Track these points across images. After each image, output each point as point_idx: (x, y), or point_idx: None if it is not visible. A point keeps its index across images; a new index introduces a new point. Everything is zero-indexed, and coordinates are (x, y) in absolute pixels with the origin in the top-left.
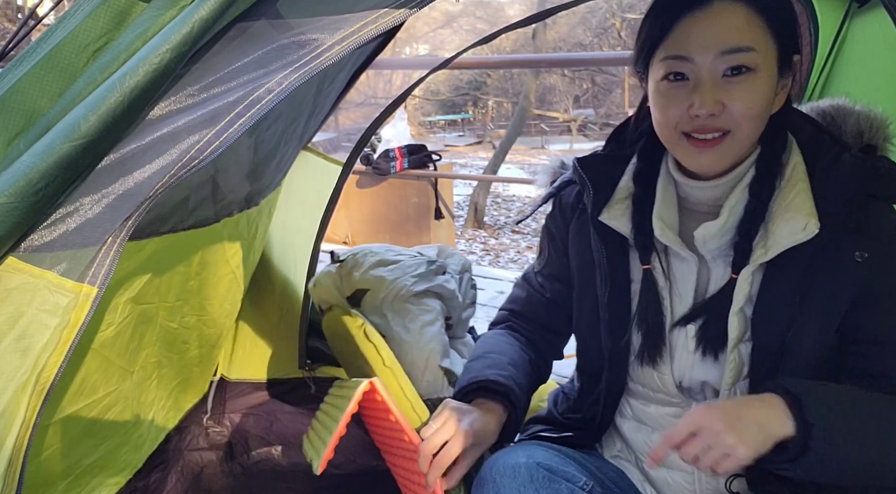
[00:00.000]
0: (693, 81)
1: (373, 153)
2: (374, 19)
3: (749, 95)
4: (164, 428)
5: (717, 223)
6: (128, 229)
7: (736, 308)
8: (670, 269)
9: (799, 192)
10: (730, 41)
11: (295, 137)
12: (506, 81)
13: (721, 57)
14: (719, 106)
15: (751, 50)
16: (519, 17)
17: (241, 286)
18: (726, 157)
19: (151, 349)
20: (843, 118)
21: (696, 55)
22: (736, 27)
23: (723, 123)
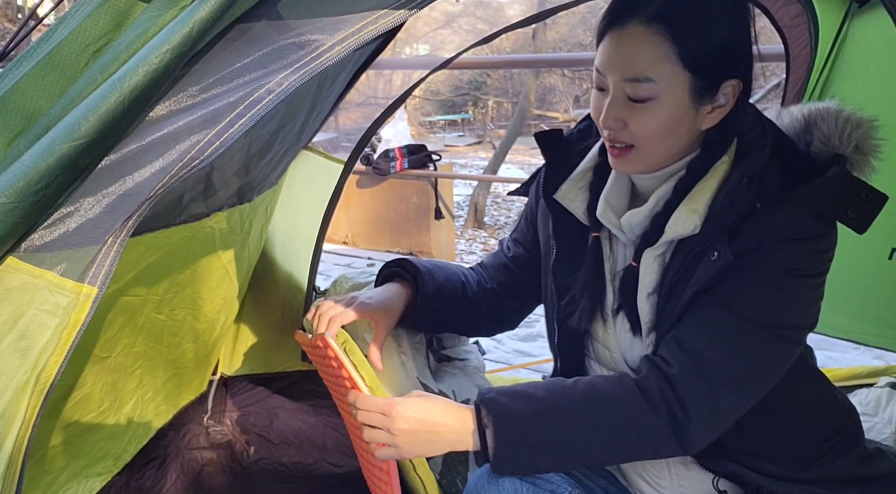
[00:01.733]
0: (607, 95)
1: (373, 153)
2: (374, 20)
3: (648, 120)
4: (155, 423)
5: (643, 210)
6: (128, 229)
7: (643, 294)
8: (614, 255)
9: (703, 189)
10: (630, 70)
11: (292, 136)
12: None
13: (625, 82)
14: (620, 123)
15: (649, 81)
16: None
17: (235, 283)
18: (636, 165)
19: (132, 339)
20: (819, 124)
21: (608, 74)
22: (640, 56)
23: (626, 137)
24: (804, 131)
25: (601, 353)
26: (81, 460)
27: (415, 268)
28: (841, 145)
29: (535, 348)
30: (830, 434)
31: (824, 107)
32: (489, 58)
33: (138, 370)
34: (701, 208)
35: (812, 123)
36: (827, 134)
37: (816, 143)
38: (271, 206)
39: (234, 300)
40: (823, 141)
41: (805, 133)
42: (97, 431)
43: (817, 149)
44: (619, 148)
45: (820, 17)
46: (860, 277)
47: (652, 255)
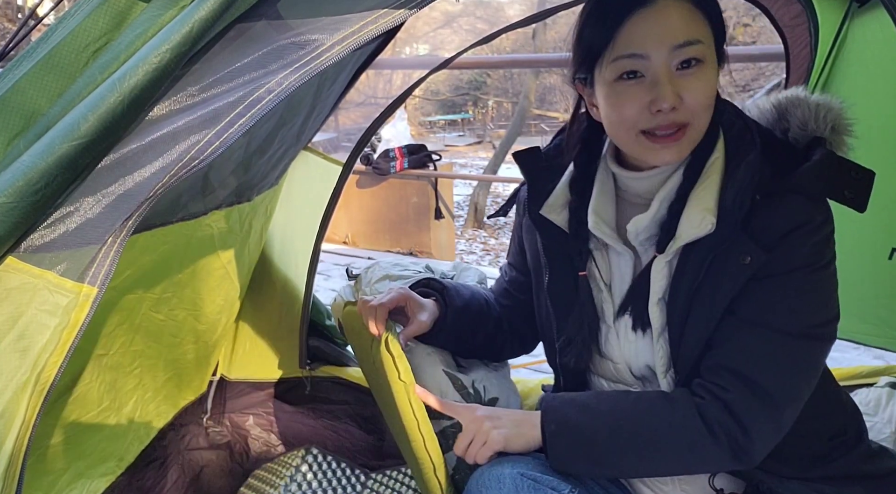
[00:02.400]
0: (650, 78)
1: (373, 153)
2: (374, 19)
3: (702, 86)
4: (156, 424)
5: (648, 215)
6: (128, 229)
7: (655, 298)
8: (609, 263)
9: (707, 186)
10: (681, 36)
11: (291, 135)
12: (506, 81)
13: (674, 51)
14: (679, 98)
15: (699, 42)
16: (519, 17)
17: (235, 283)
18: (687, 147)
19: (129, 337)
20: (792, 110)
21: (651, 51)
22: (683, 21)
23: (681, 116)
24: (778, 120)
25: (605, 367)
26: (84, 461)
27: (441, 285)
28: (818, 128)
29: (536, 348)
30: (835, 433)
31: (793, 95)
32: (489, 58)
33: (137, 369)
34: (713, 207)
35: (785, 111)
36: (803, 119)
37: (794, 129)
38: (271, 206)
39: (234, 301)
40: (801, 126)
41: (780, 121)
42: (98, 431)
43: (795, 134)
44: (673, 133)
45: (820, 17)
46: (860, 277)
47: (663, 260)
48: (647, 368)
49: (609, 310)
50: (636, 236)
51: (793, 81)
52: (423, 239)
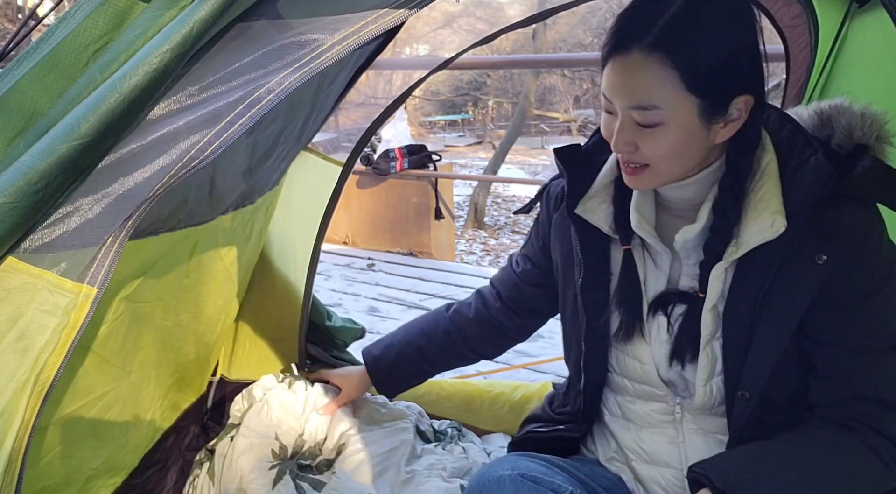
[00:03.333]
0: (616, 118)
1: (373, 153)
2: (375, 19)
3: (658, 143)
4: (161, 427)
5: (697, 227)
6: (128, 229)
7: (709, 305)
8: (646, 260)
9: (768, 190)
10: (635, 98)
11: (293, 136)
12: (506, 81)
13: (631, 109)
14: (631, 147)
15: (655, 108)
16: (519, 18)
17: (236, 285)
18: (651, 182)
19: (149, 350)
20: (836, 118)
21: (614, 100)
22: (643, 85)
23: (638, 158)
24: (821, 127)
25: (630, 366)
26: (97, 469)
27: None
28: (864, 136)
29: (535, 348)
30: None
31: (837, 103)
32: (489, 58)
33: (153, 380)
34: (781, 209)
35: (829, 119)
36: (849, 127)
37: (839, 136)
38: (271, 207)
39: (233, 300)
40: (846, 134)
41: (823, 128)
42: (120, 442)
43: (840, 141)
44: (632, 167)
45: (820, 17)
46: None
47: (722, 267)
48: (677, 374)
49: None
50: (683, 244)
51: (793, 81)
52: (423, 239)
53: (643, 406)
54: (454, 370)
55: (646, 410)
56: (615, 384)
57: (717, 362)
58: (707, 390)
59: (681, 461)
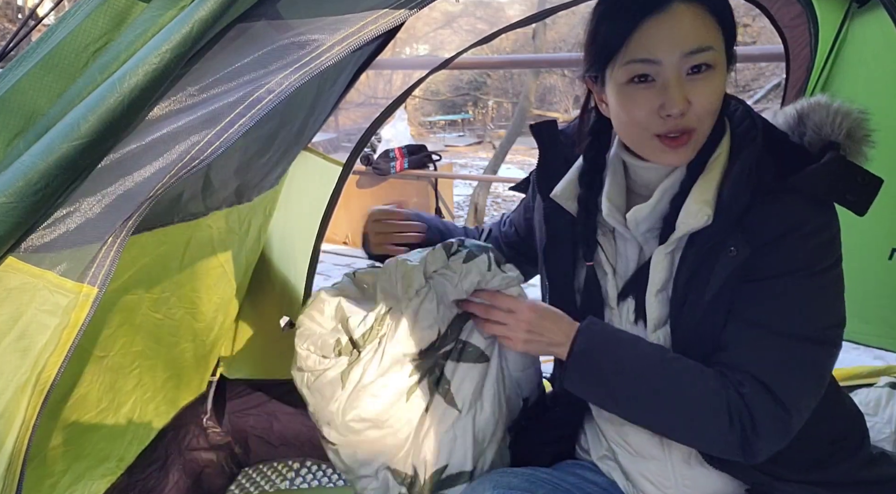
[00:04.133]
0: (660, 82)
1: (373, 153)
2: (374, 20)
3: (711, 91)
4: (156, 424)
5: (648, 205)
6: (128, 229)
7: (653, 290)
8: (616, 247)
9: (708, 180)
10: (692, 42)
11: (291, 136)
12: (506, 81)
13: (685, 57)
14: (687, 103)
15: (710, 49)
16: (519, 17)
17: (233, 283)
18: (692, 150)
19: (130, 338)
20: (808, 116)
21: (663, 57)
22: (696, 27)
23: (689, 121)
24: (798, 124)
25: None
26: (84, 462)
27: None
28: (833, 133)
29: None
30: (836, 437)
31: (815, 100)
32: (489, 58)
33: (136, 369)
34: (711, 199)
35: (804, 116)
36: (818, 123)
37: (809, 133)
38: (271, 207)
39: (231, 300)
40: (816, 130)
41: (799, 126)
42: (97, 431)
43: (811, 139)
44: (678, 137)
45: (820, 17)
46: (860, 277)
47: (663, 252)
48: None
49: (612, 294)
50: (636, 225)
51: (793, 82)
52: None
53: None
54: None
55: None
56: None
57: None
58: None
59: (663, 453)
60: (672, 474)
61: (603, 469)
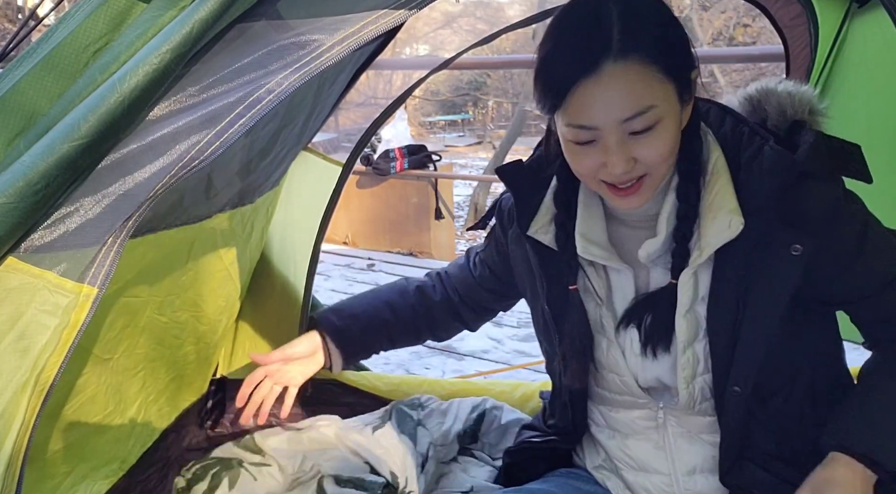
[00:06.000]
0: (601, 143)
1: (373, 154)
2: (374, 20)
3: (658, 144)
4: (158, 425)
5: (658, 240)
6: (128, 229)
7: (682, 311)
8: (608, 279)
9: (720, 188)
10: (629, 108)
11: (293, 136)
12: (506, 81)
13: (624, 123)
14: (632, 162)
15: (652, 108)
16: (519, 18)
17: (237, 284)
18: (649, 192)
19: (135, 340)
20: (766, 100)
21: (600, 124)
22: (632, 90)
23: (638, 171)
24: (753, 112)
25: (609, 379)
26: (87, 463)
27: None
28: (797, 112)
29: (536, 348)
30: None
31: (762, 86)
32: (489, 58)
33: (141, 372)
34: (736, 206)
35: (759, 102)
36: (780, 106)
37: (773, 117)
38: (272, 207)
39: (235, 301)
40: (778, 113)
41: (755, 113)
42: (102, 434)
43: (775, 122)
44: (629, 186)
45: (820, 17)
46: None
47: (688, 274)
48: (656, 380)
49: (609, 325)
50: (647, 257)
51: None
52: (423, 239)
53: (626, 415)
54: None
55: (629, 418)
56: (597, 396)
57: (699, 363)
58: (690, 391)
59: (668, 466)
60: (676, 486)
61: (598, 478)
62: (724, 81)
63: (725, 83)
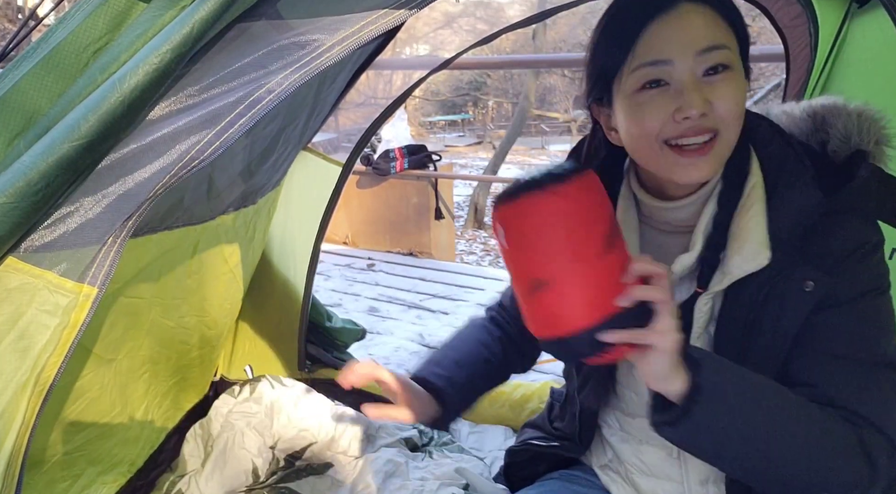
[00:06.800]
0: (674, 85)
1: (373, 153)
2: (374, 20)
3: (732, 92)
4: (164, 427)
5: (693, 254)
6: (128, 229)
7: (697, 332)
8: None
9: (753, 216)
10: (705, 40)
11: (294, 137)
12: (506, 81)
13: (700, 56)
14: (708, 105)
15: (725, 47)
16: (519, 18)
17: (241, 286)
18: (716, 162)
19: (139, 342)
20: (832, 121)
21: (675, 57)
22: (707, 26)
23: (711, 123)
24: (815, 131)
25: (626, 396)
26: (97, 466)
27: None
28: (863, 142)
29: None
30: None
31: (831, 104)
32: (489, 58)
33: (145, 373)
34: (765, 239)
35: (822, 122)
36: (846, 132)
37: (835, 141)
38: (272, 207)
39: (238, 303)
40: (843, 139)
41: (817, 133)
42: (110, 437)
43: (836, 147)
44: (702, 144)
45: (820, 17)
46: None
47: (709, 296)
48: None
49: None
50: (681, 273)
51: (793, 82)
52: (423, 239)
53: (642, 422)
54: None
55: (644, 424)
56: (614, 403)
57: None
58: None
59: (681, 474)
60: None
61: (603, 480)
62: None
63: None
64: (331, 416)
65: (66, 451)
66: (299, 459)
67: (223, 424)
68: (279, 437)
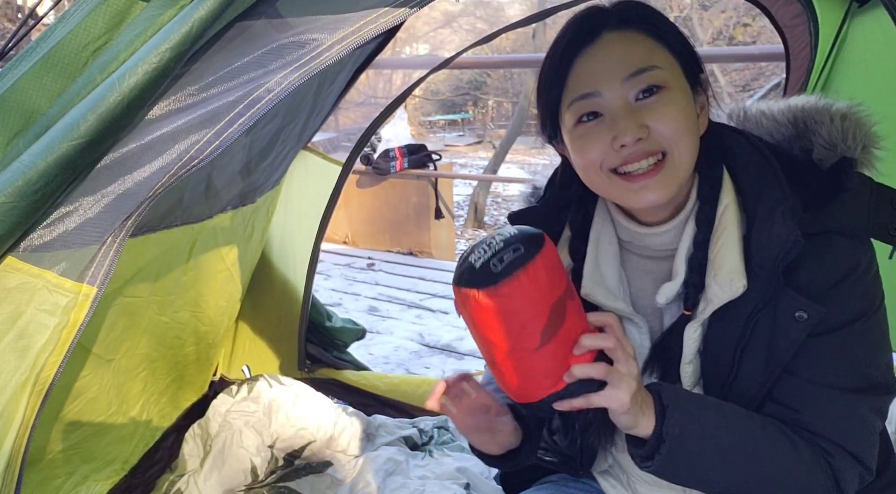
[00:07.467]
0: (608, 115)
1: (373, 153)
2: (374, 19)
3: (670, 111)
4: (160, 426)
5: (677, 283)
6: (127, 228)
7: (688, 358)
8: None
9: (724, 243)
10: (630, 65)
11: (293, 136)
12: (506, 81)
13: (627, 82)
14: (644, 129)
15: (655, 68)
16: (519, 17)
17: (239, 285)
18: (671, 182)
19: (136, 341)
20: (814, 128)
21: (602, 88)
22: (631, 51)
23: (654, 145)
24: (797, 137)
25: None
26: (91, 464)
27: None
28: (849, 149)
29: None
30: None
31: (812, 106)
32: (489, 58)
33: (143, 372)
34: (739, 266)
35: (805, 128)
36: (830, 140)
37: (819, 150)
38: (272, 207)
39: (236, 302)
40: (827, 147)
41: (799, 140)
42: (105, 435)
43: (821, 155)
44: (648, 169)
45: (820, 17)
46: None
47: (697, 323)
48: None
49: None
50: (665, 301)
51: (793, 81)
52: (423, 239)
53: None
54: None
55: None
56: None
57: None
58: None
59: None
60: None
61: (602, 485)
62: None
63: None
64: (330, 415)
65: (62, 449)
66: (298, 458)
67: (221, 423)
68: (278, 436)
